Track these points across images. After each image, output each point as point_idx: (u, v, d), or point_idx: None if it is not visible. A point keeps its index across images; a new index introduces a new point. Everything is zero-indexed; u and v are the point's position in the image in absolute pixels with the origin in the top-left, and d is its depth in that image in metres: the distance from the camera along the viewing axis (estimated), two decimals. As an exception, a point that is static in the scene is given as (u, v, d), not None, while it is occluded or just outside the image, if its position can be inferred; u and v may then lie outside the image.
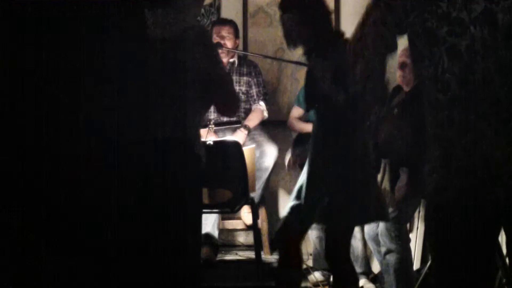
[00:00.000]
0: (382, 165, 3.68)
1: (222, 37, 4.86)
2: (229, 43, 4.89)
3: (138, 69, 2.31)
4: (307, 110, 3.67)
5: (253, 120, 4.97)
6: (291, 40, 3.28)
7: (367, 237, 4.01)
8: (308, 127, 4.77)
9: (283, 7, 3.28)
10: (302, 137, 4.75)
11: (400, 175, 3.69)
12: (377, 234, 3.87)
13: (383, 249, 3.81)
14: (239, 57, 5.10)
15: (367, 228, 3.95)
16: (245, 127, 4.89)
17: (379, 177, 3.71)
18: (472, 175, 2.00)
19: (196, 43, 2.85)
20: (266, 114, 5.06)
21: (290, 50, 3.38)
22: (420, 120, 2.17)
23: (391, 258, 3.77)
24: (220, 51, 4.93)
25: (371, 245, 4.01)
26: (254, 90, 5.05)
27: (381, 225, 3.80)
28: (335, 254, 3.23)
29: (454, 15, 2.01)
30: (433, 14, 2.03)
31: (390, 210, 3.68)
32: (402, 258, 3.76)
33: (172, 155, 2.75)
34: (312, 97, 3.28)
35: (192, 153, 2.85)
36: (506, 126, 1.99)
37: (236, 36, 4.99)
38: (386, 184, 3.67)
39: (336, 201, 3.08)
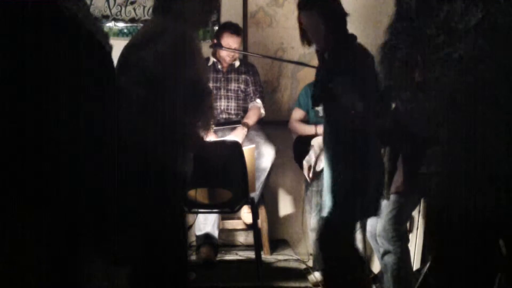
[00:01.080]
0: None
1: (230, 47, 4.85)
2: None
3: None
4: (312, 106, 3.72)
5: (251, 118, 4.98)
6: (305, 38, 3.41)
7: (369, 235, 4.00)
8: (308, 129, 4.77)
9: (301, 5, 3.35)
10: (302, 139, 4.75)
11: (397, 168, 3.68)
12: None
13: (381, 250, 3.80)
14: (239, 59, 5.12)
15: (369, 226, 3.94)
16: (244, 124, 4.89)
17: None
18: (473, 176, 2.01)
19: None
20: (263, 111, 5.07)
21: (303, 47, 3.49)
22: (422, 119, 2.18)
23: (389, 259, 3.76)
24: (224, 52, 4.95)
25: (372, 244, 4.00)
26: (250, 88, 5.07)
27: (379, 225, 3.79)
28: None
29: (457, 18, 2.02)
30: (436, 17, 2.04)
31: (387, 210, 3.68)
32: (399, 259, 3.74)
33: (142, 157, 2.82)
34: (320, 96, 3.36)
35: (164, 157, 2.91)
36: (506, 127, 1.99)
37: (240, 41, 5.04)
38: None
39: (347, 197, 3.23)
